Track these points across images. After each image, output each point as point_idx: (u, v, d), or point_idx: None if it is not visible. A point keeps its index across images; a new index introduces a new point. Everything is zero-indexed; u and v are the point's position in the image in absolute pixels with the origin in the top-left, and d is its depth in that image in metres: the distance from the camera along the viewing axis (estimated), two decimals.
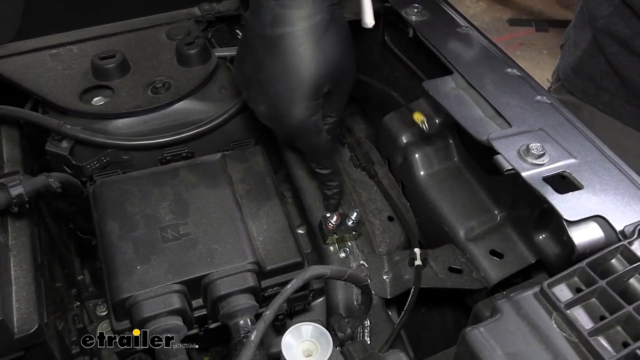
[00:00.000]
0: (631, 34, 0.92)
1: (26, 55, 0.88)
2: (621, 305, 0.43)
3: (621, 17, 0.92)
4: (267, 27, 0.65)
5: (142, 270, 0.68)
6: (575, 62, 1.05)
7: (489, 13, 3.30)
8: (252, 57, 0.69)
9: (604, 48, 0.97)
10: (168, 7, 0.96)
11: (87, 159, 0.80)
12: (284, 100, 0.67)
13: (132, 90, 0.83)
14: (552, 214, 0.62)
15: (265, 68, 0.67)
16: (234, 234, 0.72)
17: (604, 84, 1.00)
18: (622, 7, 0.92)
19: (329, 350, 0.49)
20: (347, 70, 0.71)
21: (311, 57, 0.65)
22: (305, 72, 0.65)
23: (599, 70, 1.01)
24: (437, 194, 0.83)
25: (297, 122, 0.68)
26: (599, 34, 0.97)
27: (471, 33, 0.75)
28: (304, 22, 0.64)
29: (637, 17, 0.90)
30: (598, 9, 0.96)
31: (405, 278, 0.75)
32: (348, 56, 0.70)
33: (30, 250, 0.70)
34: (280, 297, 0.52)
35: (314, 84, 0.66)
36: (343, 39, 0.69)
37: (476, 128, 0.60)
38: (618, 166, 0.56)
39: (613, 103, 1.01)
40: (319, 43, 0.65)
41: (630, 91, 0.97)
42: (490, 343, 0.42)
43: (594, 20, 0.97)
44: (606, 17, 0.95)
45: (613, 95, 1.00)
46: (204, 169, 0.79)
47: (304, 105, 0.67)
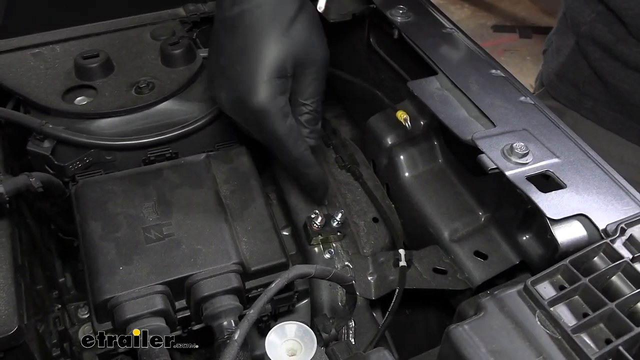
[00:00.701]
0: (614, 40, 0.93)
1: (8, 54, 0.86)
2: (604, 303, 0.43)
3: (604, 23, 0.93)
4: (228, 9, 0.64)
5: (125, 270, 0.67)
6: (558, 68, 1.06)
7: (473, 19, 3.34)
8: (215, 44, 0.68)
9: (587, 54, 0.98)
10: (153, 8, 0.95)
11: (70, 159, 0.79)
12: (243, 80, 0.64)
13: (115, 90, 0.82)
14: (535, 215, 0.63)
15: (225, 51, 0.65)
16: (218, 234, 0.72)
17: (587, 89, 1.01)
18: (606, 12, 0.93)
19: (313, 349, 0.48)
20: (315, 49, 0.67)
21: (270, 33, 0.63)
22: (264, 48, 0.63)
23: (582, 76, 1.02)
24: (421, 195, 0.83)
25: (259, 103, 0.64)
26: (582, 40, 0.98)
27: (456, 34, 0.75)
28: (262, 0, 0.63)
29: (620, 22, 0.91)
30: (581, 14, 0.97)
31: (389, 279, 0.75)
32: (314, 36, 0.67)
33: (10, 251, 0.69)
34: (264, 296, 0.52)
35: (274, 61, 0.63)
36: (307, 18, 0.66)
37: (460, 128, 0.60)
38: (601, 166, 0.56)
39: (596, 109, 1.02)
40: (279, 20, 0.63)
41: (614, 97, 0.98)
42: (474, 340, 0.42)
43: (577, 26, 0.98)
44: (589, 23, 0.96)
45: (596, 101, 1.01)
46: (188, 170, 0.78)
47: (265, 84, 0.63)
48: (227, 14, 0.64)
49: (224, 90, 0.67)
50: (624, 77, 0.94)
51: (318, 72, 0.69)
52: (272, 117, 0.65)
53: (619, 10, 0.89)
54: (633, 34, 0.88)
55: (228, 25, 0.65)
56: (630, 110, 0.97)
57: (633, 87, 0.94)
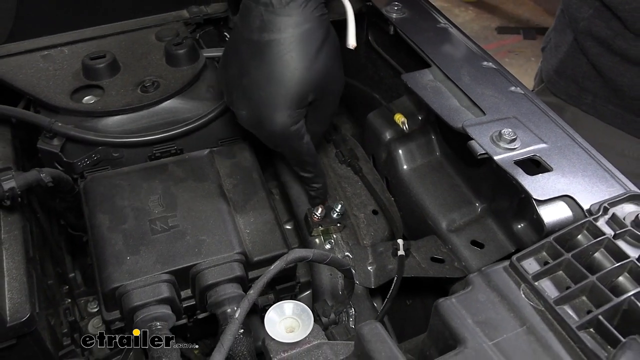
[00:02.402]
0: (612, 35, 0.95)
1: (18, 56, 0.90)
2: (585, 276, 0.46)
3: (602, 19, 0.95)
4: (255, 32, 0.66)
5: (132, 260, 0.70)
6: (557, 64, 1.08)
7: (478, 21, 3.36)
8: (237, 61, 0.70)
9: (585, 49, 1.01)
10: (158, 10, 0.99)
11: (78, 156, 0.82)
12: (266, 106, 0.67)
13: (122, 89, 0.85)
14: (528, 204, 0.65)
15: (250, 73, 0.68)
16: (221, 225, 0.74)
17: (587, 85, 1.03)
18: (602, 8, 0.95)
19: (310, 326, 0.51)
20: (333, 81, 0.71)
21: (296, 65, 0.65)
22: (290, 79, 0.66)
23: (582, 71, 1.04)
24: (420, 187, 0.85)
25: (279, 129, 0.68)
26: (580, 36, 1.00)
27: (449, 29, 0.78)
28: (292, 30, 0.64)
29: (617, 18, 0.93)
30: (579, 11, 0.99)
31: (388, 268, 0.78)
32: (335, 67, 0.71)
33: (22, 244, 0.72)
34: (264, 277, 0.55)
35: (297, 93, 0.67)
36: (331, 49, 0.69)
37: (452, 116, 0.63)
38: (587, 150, 0.59)
39: (596, 104, 1.04)
40: (306, 52, 0.65)
41: (613, 91, 1.00)
42: (461, 312, 0.45)
43: (575, 22, 1.01)
44: (587, 19, 0.98)
45: (595, 96, 1.03)
46: (192, 164, 0.81)
47: (286, 113, 0.67)
48: (255, 37, 0.66)
49: (246, 110, 0.70)
50: (623, 72, 0.96)
51: (335, 100, 0.74)
52: (290, 140, 0.70)
53: (615, 5, 0.91)
54: (630, 28, 0.91)
55: (254, 49, 0.67)
56: (630, 104, 0.99)
57: (632, 81, 0.96)
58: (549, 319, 0.44)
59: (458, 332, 0.44)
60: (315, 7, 0.65)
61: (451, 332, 0.44)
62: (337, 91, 0.73)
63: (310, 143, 0.74)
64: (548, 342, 0.43)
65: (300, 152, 0.73)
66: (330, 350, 0.49)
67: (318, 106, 0.71)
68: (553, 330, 0.44)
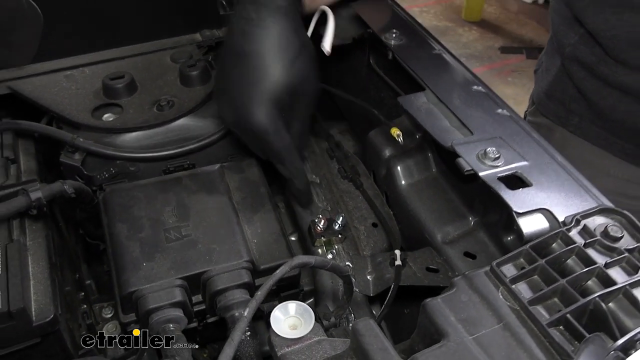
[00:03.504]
0: (596, 61, 1.02)
1: (43, 76, 0.98)
2: (557, 280, 0.52)
3: (586, 45, 1.02)
4: (237, 44, 0.76)
5: (148, 266, 0.77)
6: (547, 87, 1.15)
7: (481, 41, 3.45)
8: (222, 70, 0.79)
9: (572, 74, 1.07)
10: (172, 33, 1.06)
11: (98, 169, 0.89)
12: (246, 106, 0.76)
13: (139, 107, 0.93)
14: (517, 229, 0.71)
15: (231, 79, 0.77)
16: (230, 235, 0.81)
17: (573, 107, 1.10)
18: (587, 35, 1.03)
19: (311, 324, 0.57)
20: (308, 85, 0.80)
21: (274, 72, 0.74)
22: (268, 83, 0.75)
23: (568, 94, 1.11)
24: (417, 202, 0.91)
25: (259, 123, 0.75)
26: (567, 61, 1.08)
27: (443, 55, 0.85)
28: (270, 41, 0.74)
29: (599, 45, 1.00)
30: (565, 37, 1.06)
31: (386, 277, 0.84)
32: (311, 73, 0.80)
33: (46, 250, 0.78)
34: (270, 280, 0.61)
35: (274, 94, 0.75)
36: (306, 58, 0.78)
37: (442, 136, 0.70)
38: (565, 168, 0.65)
39: (581, 125, 1.10)
40: (282, 59, 0.75)
41: (597, 114, 1.07)
42: (446, 311, 0.51)
43: (562, 47, 1.08)
44: (572, 45, 1.05)
45: (581, 118, 1.10)
46: (204, 178, 0.88)
47: (264, 112, 0.75)
48: (237, 49, 0.76)
49: (229, 110, 0.79)
50: (606, 95, 1.02)
51: (310, 102, 0.82)
52: (270, 135, 0.77)
53: (597, 32, 0.98)
54: (610, 54, 0.97)
55: (236, 58, 0.76)
56: (612, 126, 1.06)
57: (614, 104, 1.02)
58: (523, 317, 0.50)
59: (442, 328, 0.50)
60: (291, 21, 0.75)
61: (436, 328, 0.50)
62: (311, 93, 0.82)
63: (290, 144, 0.80)
64: (521, 337, 0.49)
65: (279, 150, 0.80)
66: (329, 345, 0.55)
67: (295, 108, 0.80)
68: (526, 327, 0.50)
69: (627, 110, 1.03)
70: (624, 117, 1.04)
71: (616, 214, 0.59)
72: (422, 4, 4.65)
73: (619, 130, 1.05)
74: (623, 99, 1.02)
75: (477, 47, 3.46)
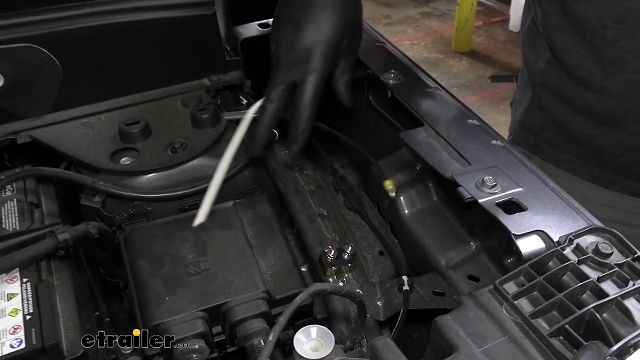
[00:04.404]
0: (562, 86, 1.10)
1: (61, 124, 1.04)
2: (555, 294, 0.58)
3: (552, 71, 1.10)
4: None
5: (170, 300, 0.82)
6: (520, 118, 1.23)
7: (472, 71, 3.56)
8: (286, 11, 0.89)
9: (542, 101, 1.15)
10: (182, 79, 1.14)
11: (117, 210, 0.95)
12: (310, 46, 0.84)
13: (154, 150, 0.99)
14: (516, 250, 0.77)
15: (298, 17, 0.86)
16: (246, 268, 0.86)
17: (542, 135, 1.18)
18: (553, 61, 1.10)
19: (332, 346, 0.62)
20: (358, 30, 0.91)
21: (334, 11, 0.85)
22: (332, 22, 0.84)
23: (538, 122, 1.19)
24: (420, 229, 0.97)
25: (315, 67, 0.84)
26: (537, 88, 1.15)
27: (439, 92, 0.93)
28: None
29: (563, 70, 1.07)
30: (535, 65, 1.15)
31: (395, 302, 0.89)
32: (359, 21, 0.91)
33: (72, 289, 0.84)
34: (291, 306, 0.66)
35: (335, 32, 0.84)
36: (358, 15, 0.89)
37: (442, 167, 0.76)
38: (557, 192, 0.72)
39: (551, 151, 1.17)
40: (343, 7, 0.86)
41: (565, 139, 1.14)
42: (455, 326, 0.57)
43: (532, 76, 1.16)
44: (541, 73, 1.13)
45: (551, 144, 1.17)
46: (219, 215, 0.94)
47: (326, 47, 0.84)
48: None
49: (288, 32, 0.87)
50: (572, 120, 1.10)
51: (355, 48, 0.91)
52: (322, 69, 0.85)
53: (565, 53, 1.05)
54: (577, 76, 1.04)
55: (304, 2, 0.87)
56: (580, 150, 1.13)
57: (580, 129, 1.09)
58: (525, 330, 0.56)
59: (453, 342, 0.55)
60: None
61: (447, 342, 0.56)
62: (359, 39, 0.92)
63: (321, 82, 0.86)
64: (525, 347, 0.55)
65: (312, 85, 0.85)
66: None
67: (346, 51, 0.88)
68: (529, 338, 0.55)
69: (592, 133, 1.10)
70: (590, 140, 1.11)
71: (606, 233, 0.65)
72: (413, 37, 4.79)
73: (585, 153, 1.12)
74: (588, 123, 1.09)
75: (468, 76, 3.57)
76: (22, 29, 0.98)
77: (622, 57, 0.98)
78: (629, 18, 0.94)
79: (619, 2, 0.94)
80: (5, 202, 0.93)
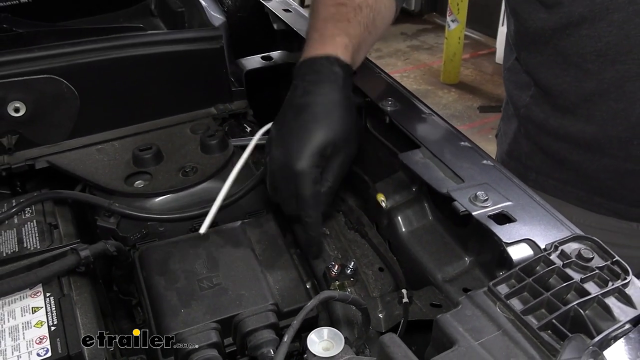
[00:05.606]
0: (545, 117, 1.18)
1: (77, 150, 1.12)
2: (542, 293, 0.65)
3: (536, 104, 1.18)
4: (299, 97, 0.91)
5: (185, 312, 0.88)
6: (507, 148, 1.31)
7: (461, 102, 3.68)
8: (282, 119, 0.93)
9: (527, 132, 1.23)
10: (190, 108, 1.22)
11: (131, 231, 1.02)
12: (295, 149, 0.88)
13: (166, 174, 1.06)
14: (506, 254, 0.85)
15: (290, 125, 0.91)
16: (256, 282, 0.93)
17: (529, 163, 1.26)
18: (537, 94, 1.18)
19: (342, 345, 0.69)
20: (349, 142, 0.93)
21: (326, 122, 0.89)
22: (318, 132, 0.88)
23: (524, 152, 1.27)
24: (417, 247, 1.04)
25: (302, 167, 0.87)
26: (522, 121, 1.24)
27: (433, 117, 1.01)
28: (326, 97, 0.89)
29: (547, 103, 1.16)
30: (519, 99, 1.23)
31: (395, 313, 0.96)
32: (352, 132, 0.93)
33: (91, 304, 0.89)
34: (303, 312, 0.73)
35: (321, 142, 0.88)
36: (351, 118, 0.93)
37: (439, 185, 0.84)
38: (542, 205, 0.80)
39: (538, 179, 1.25)
40: (332, 115, 0.90)
41: (551, 166, 1.22)
42: (454, 323, 0.64)
43: (517, 109, 1.25)
44: (525, 106, 1.22)
45: (538, 172, 1.25)
46: (229, 234, 1.01)
47: (311, 156, 0.88)
48: (298, 101, 0.91)
49: (279, 153, 0.91)
50: (558, 149, 1.18)
51: (345, 161, 0.94)
52: (307, 180, 0.89)
53: (549, 86, 1.13)
54: (560, 107, 1.13)
55: (296, 109, 0.91)
56: (566, 177, 1.20)
57: (566, 156, 1.18)
58: (517, 325, 0.63)
59: (452, 337, 0.62)
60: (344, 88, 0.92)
61: (447, 337, 0.63)
62: (350, 152, 0.95)
63: (319, 194, 0.91)
64: (517, 340, 0.62)
65: (310, 195, 0.90)
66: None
67: (332, 161, 0.92)
68: (521, 332, 0.63)
69: (577, 159, 1.18)
70: (576, 166, 1.18)
71: (587, 240, 0.73)
72: (402, 69, 4.94)
73: (572, 179, 1.20)
74: (574, 150, 1.17)
75: (457, 107, 3.70)
76: (44, 61, 1.06)
77: (604, 87, 1.06)
78: (609, 52, 1.02)
79: (599, 38, 1.02)
80: (25, 223, 0.99)
